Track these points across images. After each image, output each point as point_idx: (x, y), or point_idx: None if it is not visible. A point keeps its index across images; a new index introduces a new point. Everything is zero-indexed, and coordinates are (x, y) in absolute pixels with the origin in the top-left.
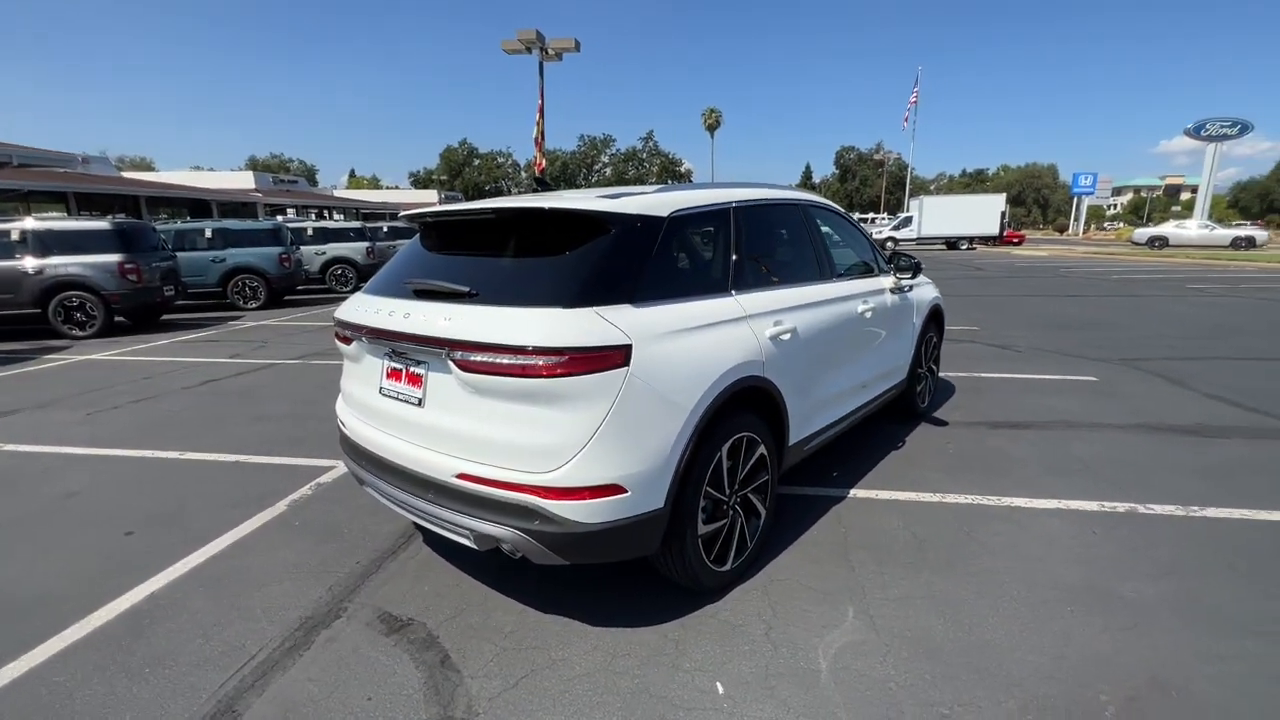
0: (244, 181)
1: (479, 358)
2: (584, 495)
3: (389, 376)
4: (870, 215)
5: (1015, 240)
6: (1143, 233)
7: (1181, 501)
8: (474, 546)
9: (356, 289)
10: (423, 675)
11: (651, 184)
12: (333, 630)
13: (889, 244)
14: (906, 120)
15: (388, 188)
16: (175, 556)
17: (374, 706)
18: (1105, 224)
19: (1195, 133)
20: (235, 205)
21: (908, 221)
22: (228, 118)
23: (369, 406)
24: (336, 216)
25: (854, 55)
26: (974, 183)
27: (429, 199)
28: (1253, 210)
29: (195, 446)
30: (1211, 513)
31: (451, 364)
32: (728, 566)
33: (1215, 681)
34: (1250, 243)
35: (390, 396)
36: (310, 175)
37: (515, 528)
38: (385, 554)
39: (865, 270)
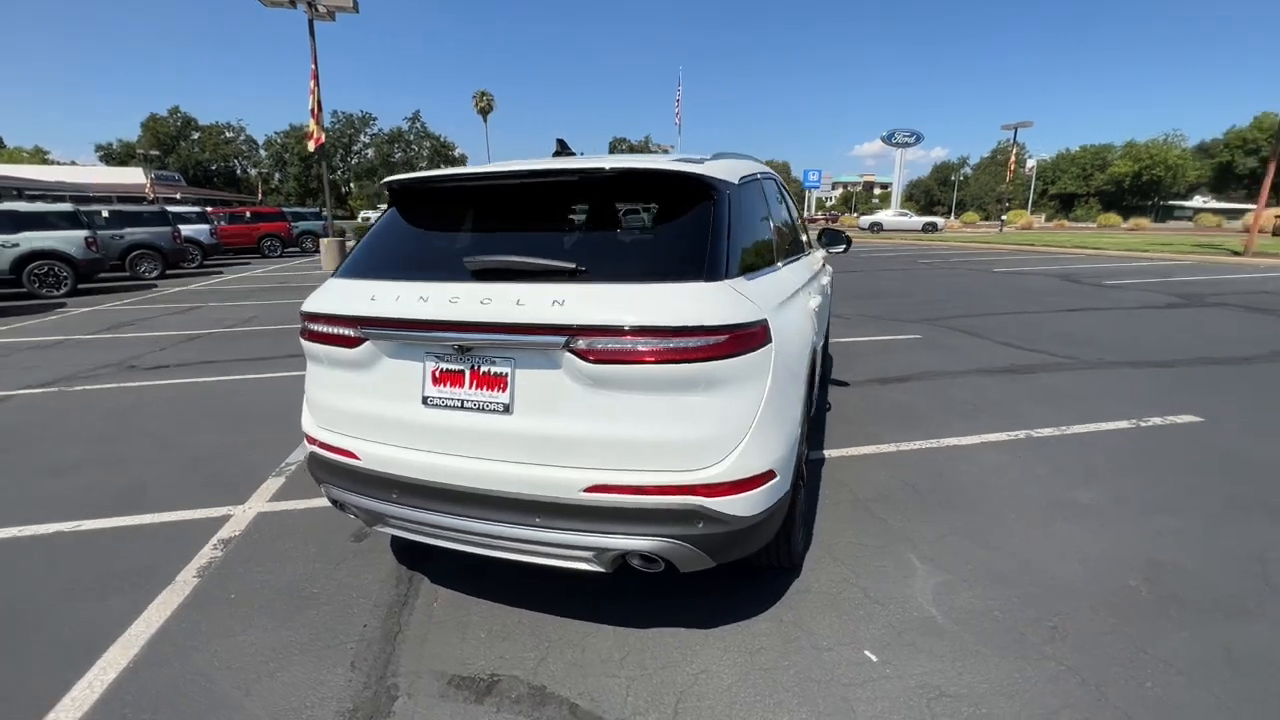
0: None
1: (616, 344)
2: (747, 487)
3: (438, 381)
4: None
5: None
6: (866, 219)
7: (1053, 424)
8: (593, 569)
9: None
10: None
11: (422, 168)
12: (402, 717)
13: None
14: (678, 117)
15: (61, 163)
16: (65, 685)
17: None
18: (827, 213)
19: (887, 139)
20: None
21: None
22: None
23: (405, 423)
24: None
25: (625, 52)
26: None
27: (132, 178)
28: (920, 203)
29: None
30: (1075, 429)
31: (571, 356)
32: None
33: (1187, 549)
34: (934, 227)
35: (447, 406)
36: None
37: (670, 536)
38: (393, 605)
39: (809, 243)
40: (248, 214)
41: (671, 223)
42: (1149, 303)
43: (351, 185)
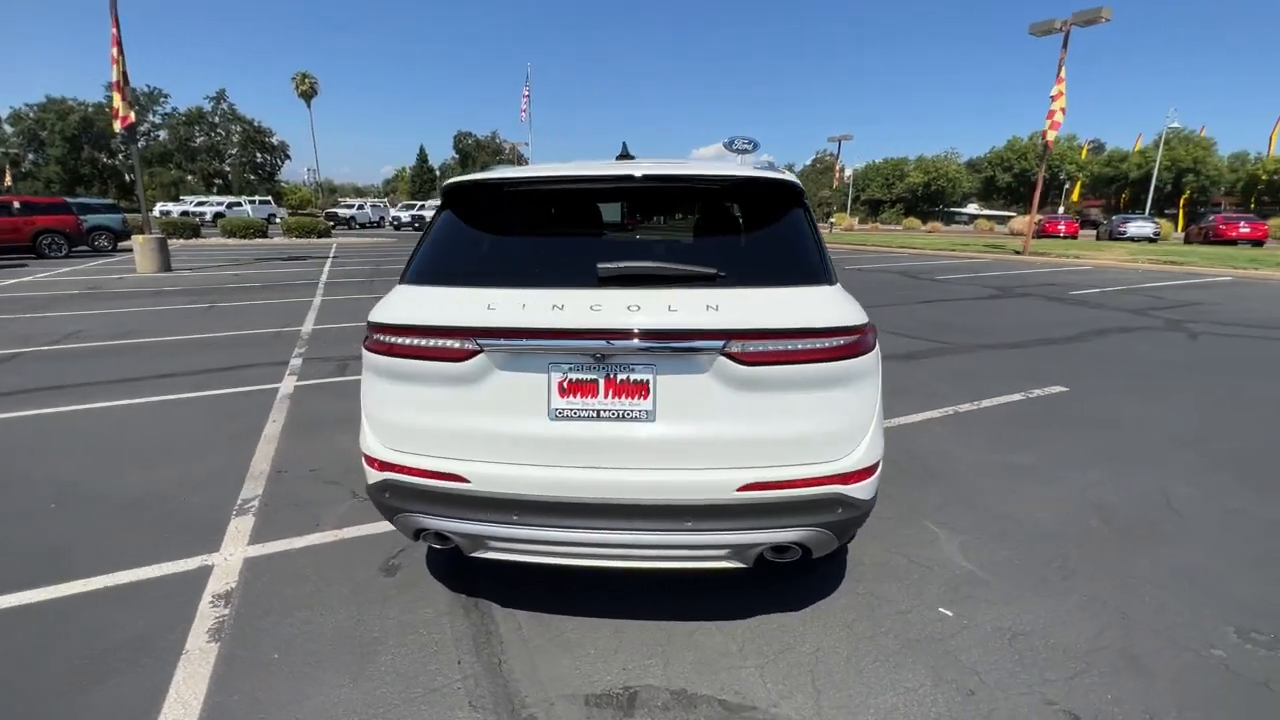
0: None
1: (772, 347)
2: (872, 472)
3: (567, 393)
4: None
5: None
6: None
7: (969, 400)
8: (730, 565)
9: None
10: None
11: (233, 155)
12: None
13: None
14: (524, 113)
15: None
16: None
17: None
18: None
19: (727, 145)
20: None
21: None
22: None
23: (527, 438)
24: None
25: (471, 42)
26: None
27: None
28: None
29: None
30: (986, 404)
31: (725, 359)
32: None
33: (1113, 493)
34: None
35: (580, 418)
36: None
37: (815, 525)
38: (477, 637)
39: None
40: (16, 204)
41: (773, 228)
42: (977, 294)
43: (138, 171)
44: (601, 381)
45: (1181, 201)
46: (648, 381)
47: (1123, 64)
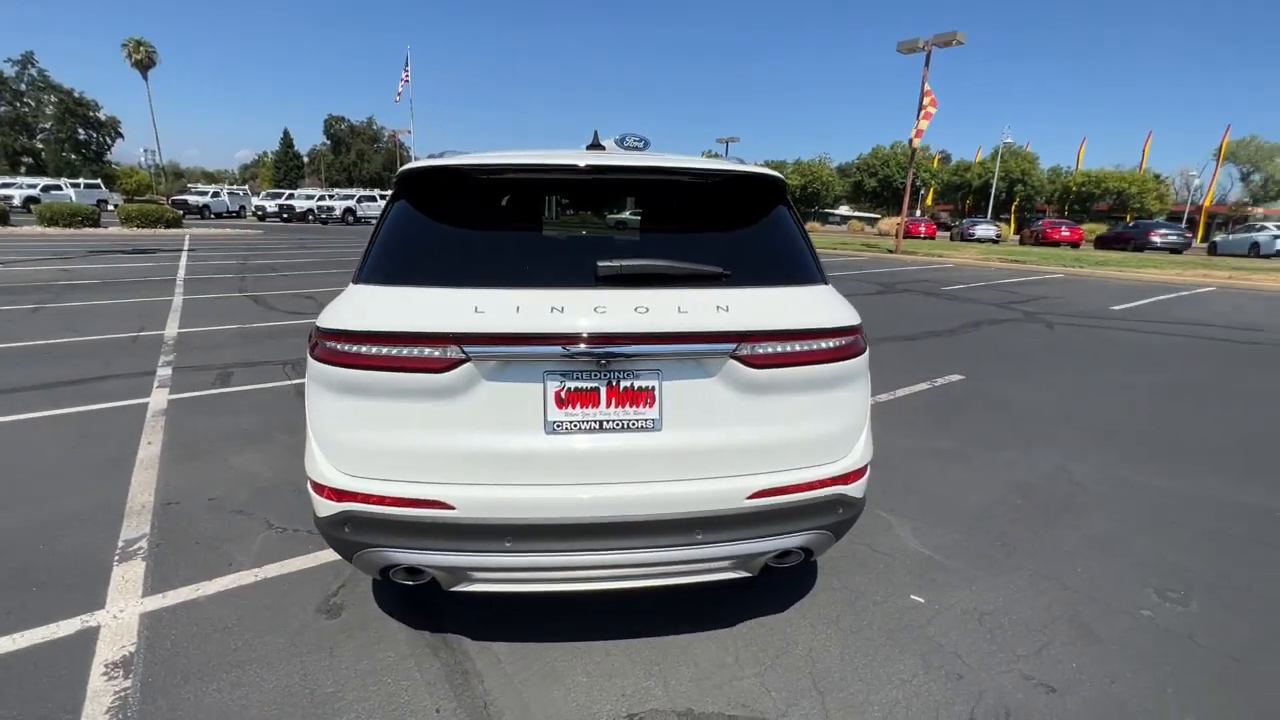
0: None
1: (782, 348)
2: (864, 470)
3: (565, 404)
4: (387, 192)
5: None
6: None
7: (885, 390)
8: (734, 576)
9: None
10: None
11: (48, 128)
12: None
13: None
14: (399, 96)
15: None
16: None
17: None
18: None
19: (619, 142)
20: None
21: None
22: None
23: (521, 455)
24: None
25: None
26: None
27: None
28: None
29: None
30: (900, 393)
31: (735, 362)
32: None
33: (1026, 472)
34: None
35: (580, 430)
36: None
37: (820, 527)
38: (452, 676)
39: None
40: None
41: (767, 226)
42: (866, 291)
43: None
44: (603, 389)
45: (1014, 208)
46: (653, 388)
47: (966, 83)
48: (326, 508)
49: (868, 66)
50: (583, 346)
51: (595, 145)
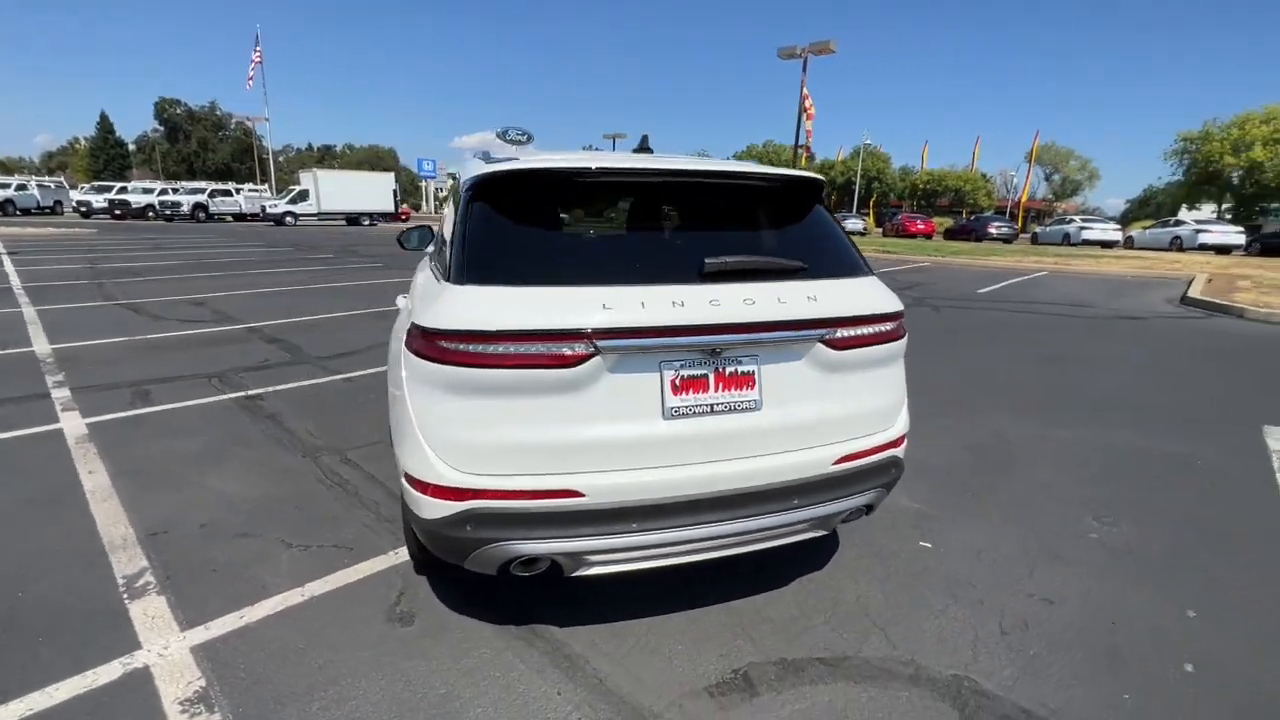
0: None
1: (857, 332)
2: (906, 436)
3: (679, 390)
4: (242, 186)
5: (405, 217)
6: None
7: None
8: (812, 535)
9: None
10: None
11: None
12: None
13: (288, 219)
14: (251, 80)
15: None
16: None
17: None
18: (440, 204)
19: (501, 135)
20: None
21: (304, 195)
22: None
23: (642, 441)
24: None
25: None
26: (326, 157)
27: None
28: None
29: None
30: None
31: (822, 346)
32: None
33: (965, 435)
34: None
35: (694, 414)
36: None
37: (881, 485)
38: (556, 660)
39: None
40: None
41: (816, 224)
42: None
43: None
44: (711, 376)
45: (872, 203)
46: (753, 372)
47: (827, 86)
48: (442, 508)
49: (741, 69)
50: (702, 337)
51: (644, 149)
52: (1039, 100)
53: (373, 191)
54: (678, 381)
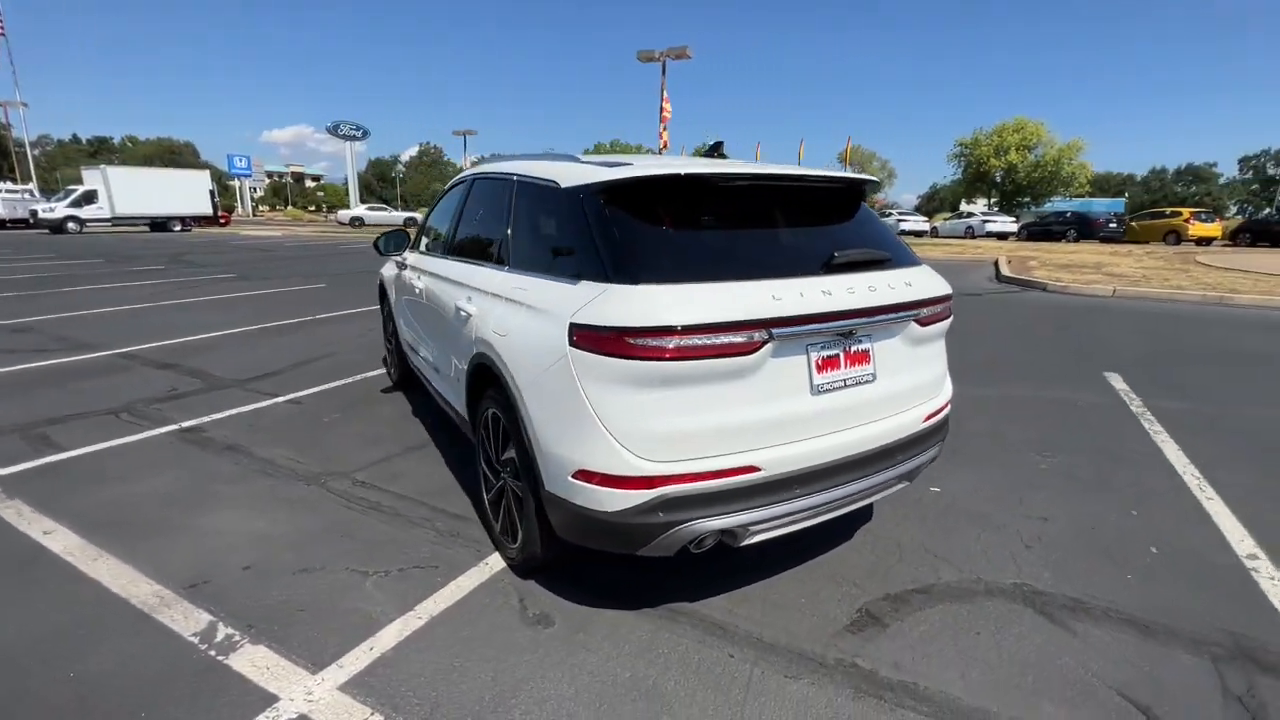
0: None
1: (933, 310)
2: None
3: (822, 369)
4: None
5: (225, 222)
6: (345, 214)
7: None
8: (900, 488)
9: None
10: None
11: None
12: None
13: (71, 225)
14: None
15: None
16: None
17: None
18: (257, 206)
19: (333, 130)
20: None
21: (91, 197)
22: None
23: (797, 416)
24: None
25: None
26: (102, 151)
27: None
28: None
29: None
30: None
31: (914, 324)
32: None
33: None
34: (414, 221)
35: (833, 389)
36: None
37: (942, 439)
38: (710, 634)
39: None
40: None
41: (873, 219)
42: None
43: None
44: (842, 354)
45: None
46: (869, 350)
47: (693, 90)
48: (633, 498)
49: (597, 67)
50: (842, 321)
51: (718, 154)
52: (850, 108)
53: (184, 192)
54: (820, 361)
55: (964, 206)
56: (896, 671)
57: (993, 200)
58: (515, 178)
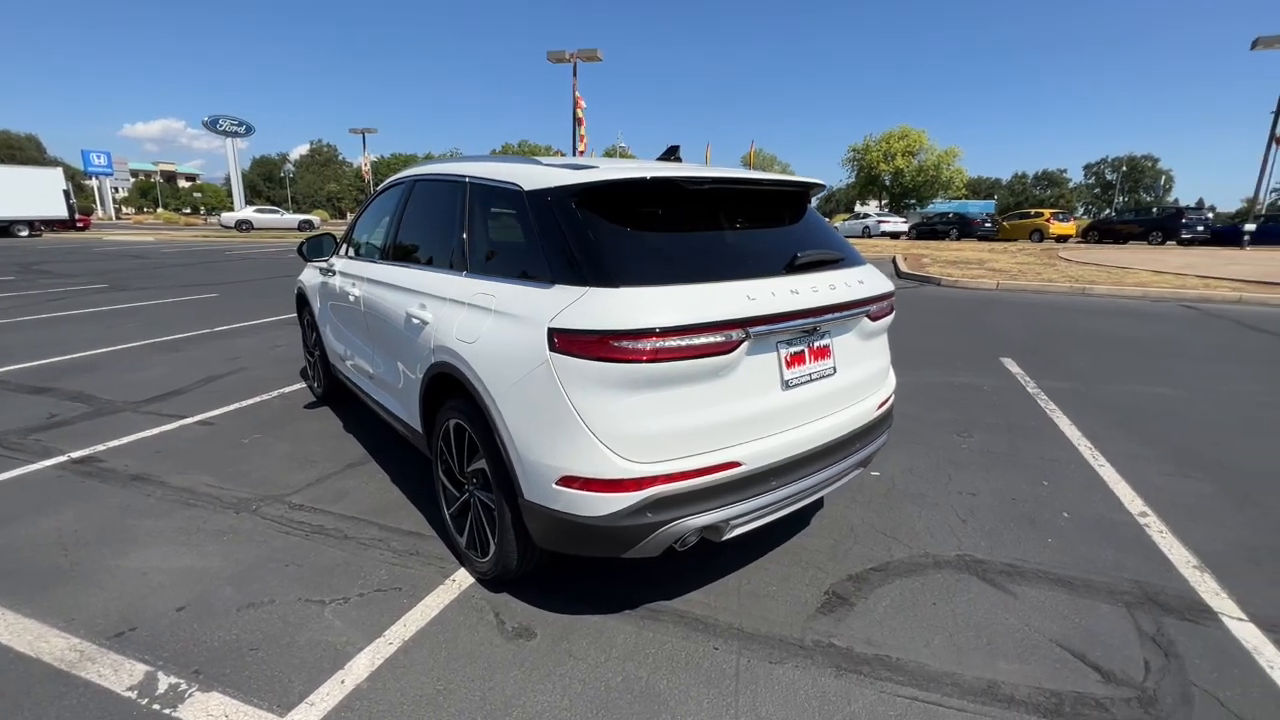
0: None
1: (880, 307)
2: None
3: (790, 365)
4: None
5: (84, 225)
6: (230, 216)
7: None
8: (857, 474)
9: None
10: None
11: None
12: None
13: None
14: None
15: None
16: None
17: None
18: (121, 208)
19: (211, 125)
20: None
21: None
22: None
23: (771, 411)
24: None
25: None
26: None
27: None
28: (248, 198)
29: None
30: None
31: (866, 319)
32: None
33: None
34: (310, 225)
35: (801, 383)
36: None
37: (889, 428)
38: (695, 629)
39: None
40: None
41: (821, 221)
42: None
43: None
44: (807, 350)
45: None
46: (829, 345)
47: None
48: (622, 501)
49: (495, 66)
50: (808, 319)
51: (673, 157)
52: (753, 114)
53: (31, 192)
54: (789, 357)
55: (858, 208)
56: (870, 647)
57: (884, 202)
58: (468, 179)
